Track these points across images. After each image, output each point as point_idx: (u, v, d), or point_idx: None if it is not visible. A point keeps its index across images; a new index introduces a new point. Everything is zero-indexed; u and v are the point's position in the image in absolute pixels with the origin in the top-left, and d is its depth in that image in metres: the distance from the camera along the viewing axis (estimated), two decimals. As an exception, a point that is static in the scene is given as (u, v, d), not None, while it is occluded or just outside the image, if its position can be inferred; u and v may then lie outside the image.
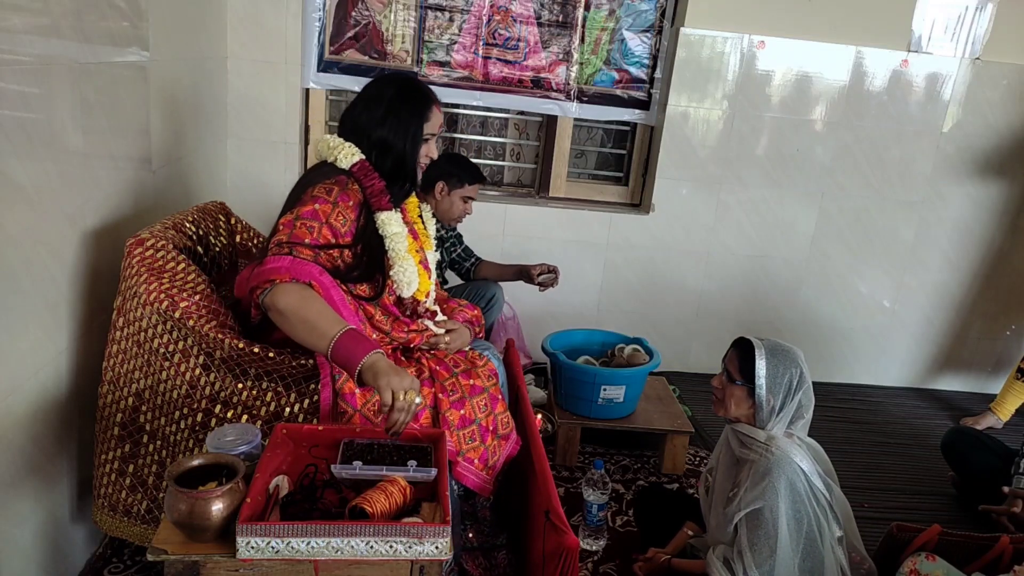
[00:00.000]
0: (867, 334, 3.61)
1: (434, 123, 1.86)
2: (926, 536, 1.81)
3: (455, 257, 2.93)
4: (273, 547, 1.24)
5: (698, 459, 2.79)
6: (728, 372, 1.80)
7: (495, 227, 3.24)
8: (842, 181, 3.38)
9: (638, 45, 3.26)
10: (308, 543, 1.25)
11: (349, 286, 1.74)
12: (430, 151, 1.88)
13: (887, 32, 3.21)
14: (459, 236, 2.93)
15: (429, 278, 1.96)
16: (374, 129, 1.81)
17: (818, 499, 1.71)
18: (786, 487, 1.66)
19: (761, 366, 1.72)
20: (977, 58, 3.25)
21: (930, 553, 1.76)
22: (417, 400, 1.49)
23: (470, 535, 2.04)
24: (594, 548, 2.17)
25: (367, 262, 1.77)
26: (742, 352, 1.78)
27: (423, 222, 2.07)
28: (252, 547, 1.23)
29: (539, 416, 2.58)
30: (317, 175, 1.79)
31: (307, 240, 1.65)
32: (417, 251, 1.92)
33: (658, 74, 3.27)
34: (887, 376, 3.69)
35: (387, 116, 1.81)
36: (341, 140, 1.82)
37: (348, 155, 1.79)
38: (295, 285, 1.59)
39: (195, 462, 1.32)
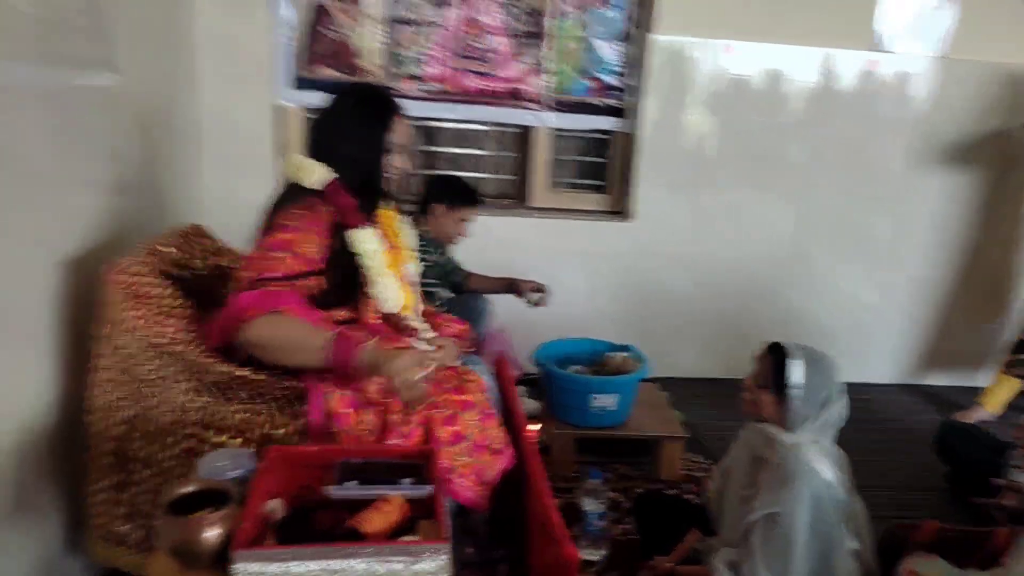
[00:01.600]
0: (852, 332, 3.63)
1: (400, 133, 1.81)
2: (924, 532, 1.81)
3: (446, 271, 2.91)
4: (270, 572, 1.20)
5: (693, 464, 2.77)
6: (761, 377, 1.77)
7: (478, 239, 3.21)
8: (817, 181, 3.41)
9: (609, 53, 3.27)
10: (305, 566, 1.22)
11: (326, 313, 1.70)
12: (398, 162, 1.83)
13: (852, 33, 3.25)
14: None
15: (413, 292, 1.92)
16: (338, 144, 1.76)
17: (839, 510, 1.69)
18: (808, 496, 1.64)
19: (799, 375, 1.69)
20: (943, 56, 3.31)
21: (927, 552, 1.75)
22: (420, 374, 1.56)
23: (468, 550, 2.01)
24: (595, 558, 2.15)
25: (342, 284, 1.73)
26: (776, 359, 1.74)
27: (401, 235, 2.02)
28: (248, 573, 1.20)
29: (538, 426, 2.57)
30: (285, 199, 1.74)
31: (273, 274, 1.61)
32: (397, 266, 1.88)
33: (632, 81, 3.29)
34: (875, 373, 3.71)
35: (348, 129, 1.76)
36: (307, 160, 1.76)
37: (315, 175, 1.73)
38: (265, 316, 1.56)
39: (187, 488, 1.30)
